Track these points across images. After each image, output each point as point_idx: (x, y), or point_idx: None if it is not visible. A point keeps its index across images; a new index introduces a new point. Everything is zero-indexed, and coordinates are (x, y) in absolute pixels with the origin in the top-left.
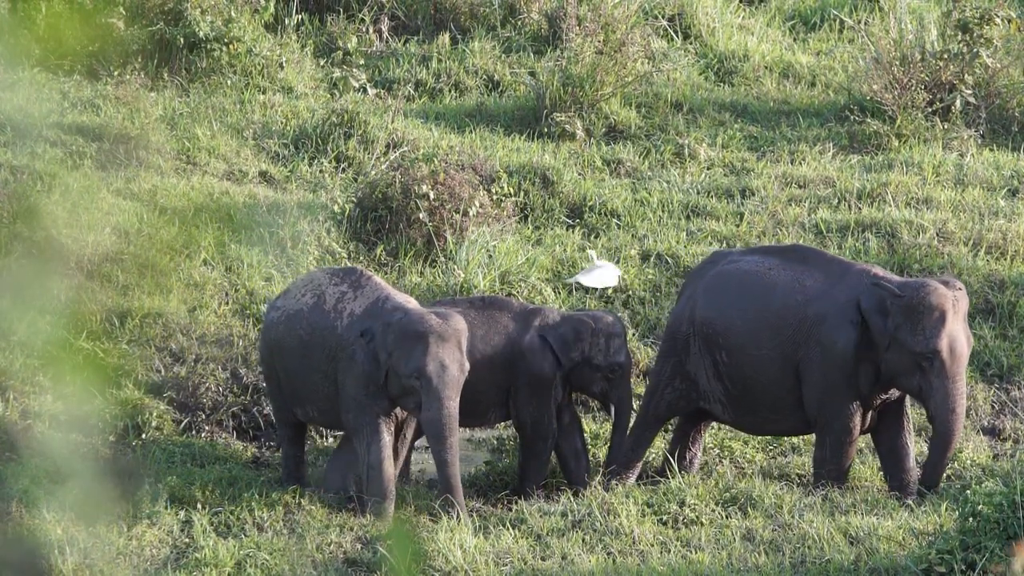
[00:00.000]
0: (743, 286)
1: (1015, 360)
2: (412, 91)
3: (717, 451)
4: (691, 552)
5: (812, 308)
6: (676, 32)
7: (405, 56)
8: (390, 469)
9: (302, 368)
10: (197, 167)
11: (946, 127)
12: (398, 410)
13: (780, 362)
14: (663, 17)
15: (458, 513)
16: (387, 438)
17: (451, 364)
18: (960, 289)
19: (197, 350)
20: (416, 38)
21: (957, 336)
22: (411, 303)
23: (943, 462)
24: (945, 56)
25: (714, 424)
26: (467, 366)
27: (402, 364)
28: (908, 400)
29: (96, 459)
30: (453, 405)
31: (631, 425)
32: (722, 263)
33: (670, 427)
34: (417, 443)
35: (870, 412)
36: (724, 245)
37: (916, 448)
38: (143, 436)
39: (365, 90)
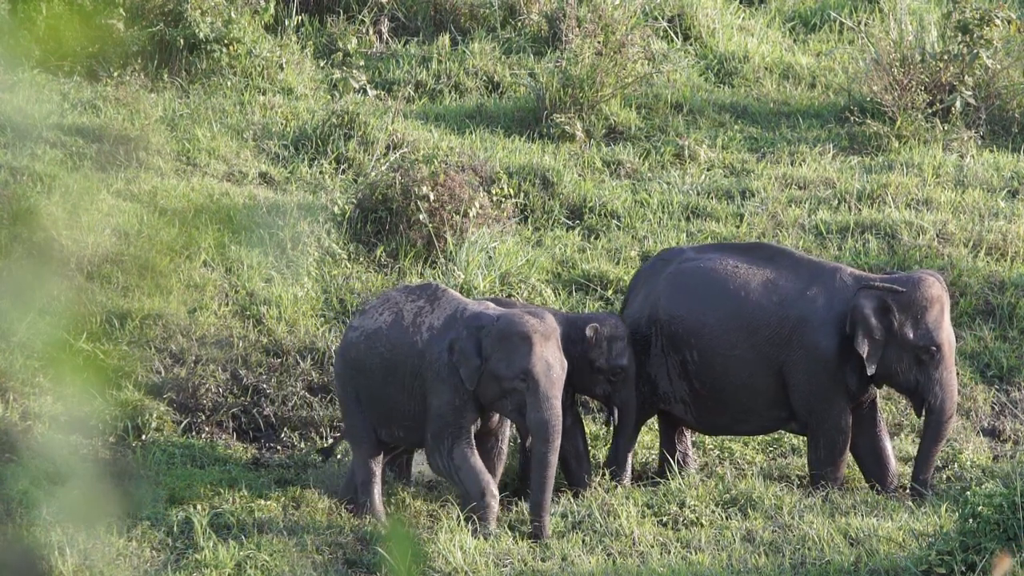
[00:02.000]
0: (712, 284)
1: (1015, 361)
2: (412, 92)
3: (717, 452)
4: (691, 553)
5: (792, 310)
6: (676, 33)
7: (405, 57)
8: (483, 468)
9: (385, 387)
10: (197, 168)
11: (946, 128)
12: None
13: (755, 363)
14: (663, 18)
15: (542, 526)
16: (471, 444)
17: (555, 363)
18: (942, 280)
19: (197, 351)
20: (416, 39)
21: (950, 327)
22: (492, 308)
23: (935, 453)
24: (945, 57)
25: None
26: (566, 364)
27: (504, 366)
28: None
29: (96, 460)
30: (559, 405)
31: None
32: (678, 261)
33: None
34: None
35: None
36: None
37: (912, 448)
38: (143, 437)
39: (365, 91)
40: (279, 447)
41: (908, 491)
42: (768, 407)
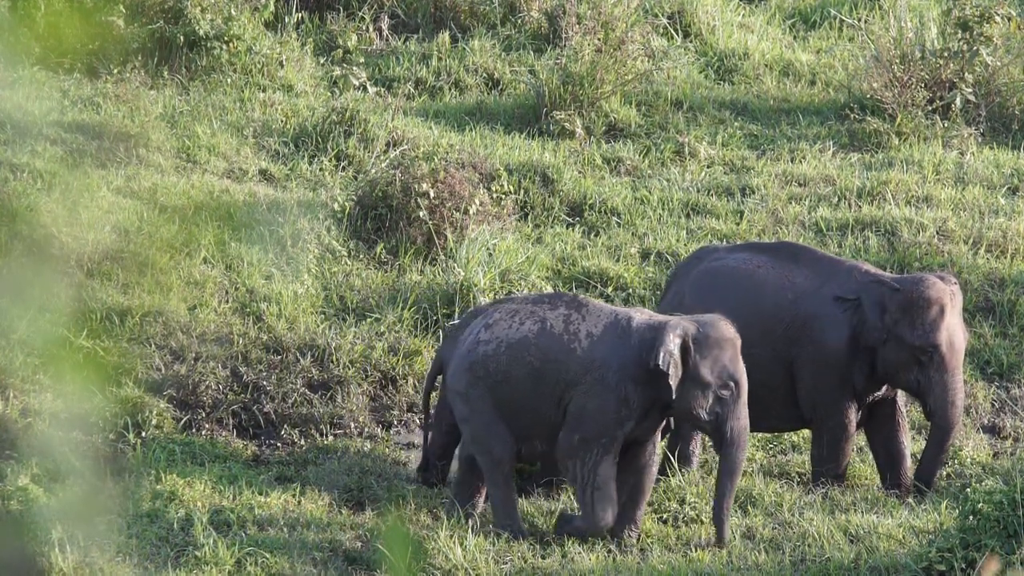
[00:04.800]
0: (732, 284)
1: (1015, 358)
2: (412, 89)
3: None
4: (691, 550)
5: (803, 306)
6: (676, 30)
7: (405, 54)
8: (615, 493)
9: (532, 398)
10: (197, 165)
11: (946, 125)
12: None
13: (771, 361)
14: (663, 15)
15: (722, 536)
16: (615, 464)
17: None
18: (955, 283)
19: (197, 348)
20: (416, 36)
21: (955, 330)
22: (656, 316)
23: (940, 457)
24: (945, 54)
25: None
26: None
27: (713, 374)
28: (902, 400)
29: (96, 457)
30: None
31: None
32: (709, 259)
33: None
34: (416, 441)
35: (861, 409)
36: (724, 243)
37: (913, 446)
38: (143, 434)
39: (365, 88)
40: (279, 444)
41: (902, 488)
42: (784, 406)
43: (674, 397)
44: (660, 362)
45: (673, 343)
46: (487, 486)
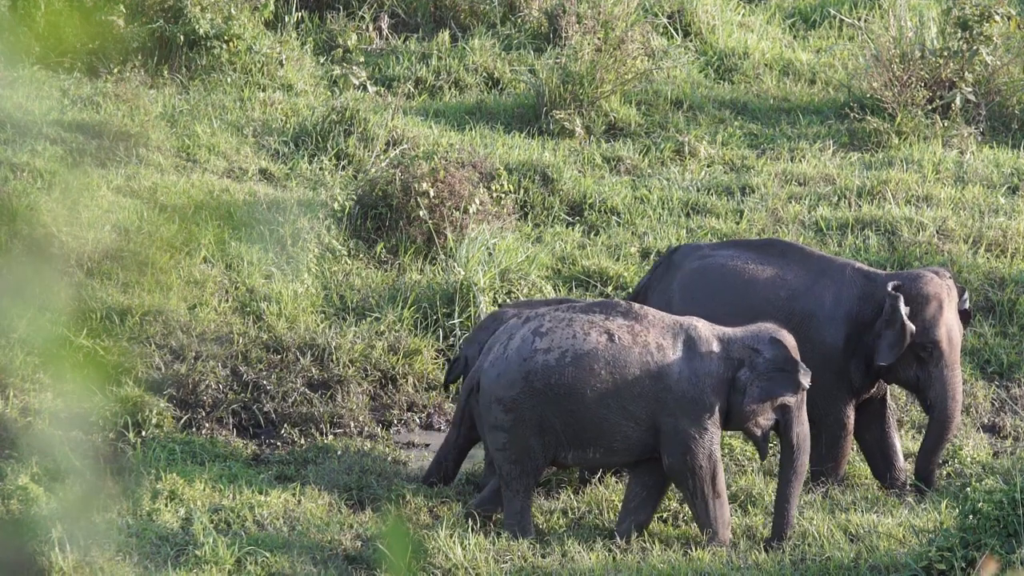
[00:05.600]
0: (723, 280)
1: (1015, 358)
2: (412, 88)
3: None
4: (691, 549)
5: (798, 304)
6: (676, 29)
7: (405, 54)
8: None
9: (597, 409)
10: (197, 164)
11: (946, 124)
12: None
13: None
14: (663, 15)
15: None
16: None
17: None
18: (950, 278)
19: (197, 347)
20: (416, 36)
21: (953, 325)
22: (719, 327)
23: (939, 452)
24: (945, 53)
25: None
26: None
27: (778, 388)
28: (890, 398)
29: (96, 456)
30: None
31: None
32: (695, 257)
33: None
34: (416, 440)
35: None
36: (709, 241)
37: (913, 445)
38: (143, 433)
39: (365, 88)
40: (279, 443)
41: (909, 486)
42: None
43: (745, 407)
44: (740, 374)
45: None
46: (505, 493)
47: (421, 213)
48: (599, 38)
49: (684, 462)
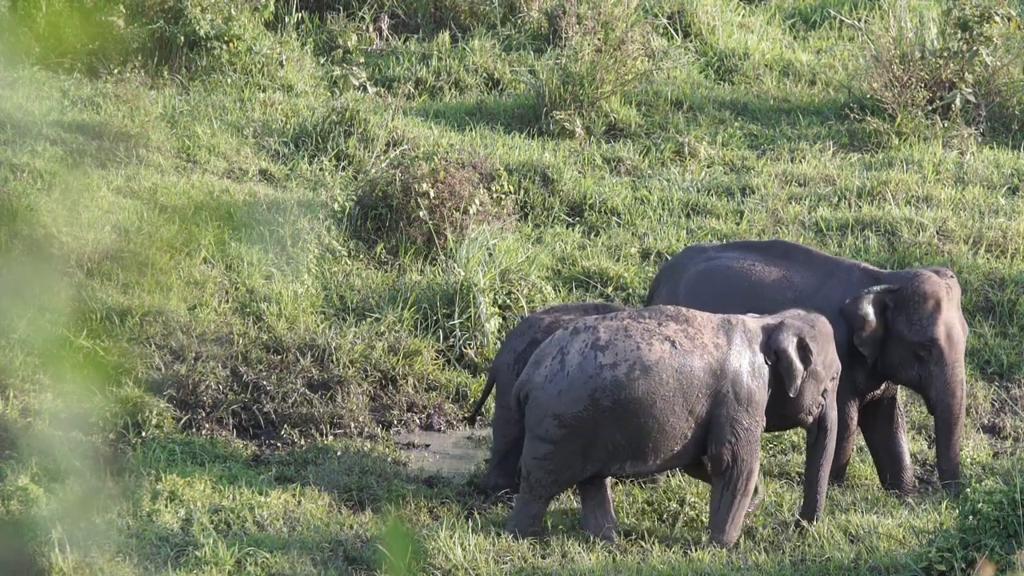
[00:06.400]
0: (729, 282)
1: (1015, 358)
2: (412, 89)
3: None
4: (691, 550)
5: (804, 306)
6: (676, 30)
7: (405, 54)
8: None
9: (663, 418)
10: (197, 165)
11: (946, 125)
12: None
13: None
14: (663, 15)
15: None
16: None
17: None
18: (952, 277)
19: (197, 348)
20: (416, 36)
21: (953, 323)
22: (764, 318)
23: (953, 447)
24: (945, 54)
25: None
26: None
27: (825, 368)
28: (901, 399)
29: (96, 457)
30: None
31: None
32: (701, 259)
33: None
34: (416, 441)
35: (860, 407)
36: (712, 242)
37: (914, 446)
38: (143, 434)
39: (365, 88)
40: (279, 444)
41: (903, 487)
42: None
43: (793, 395)
44: (785, 362)
45: (791, 342)
46: (525, 495)
47: (421, 214)
48: (599, 39)
49: (731, 452)
